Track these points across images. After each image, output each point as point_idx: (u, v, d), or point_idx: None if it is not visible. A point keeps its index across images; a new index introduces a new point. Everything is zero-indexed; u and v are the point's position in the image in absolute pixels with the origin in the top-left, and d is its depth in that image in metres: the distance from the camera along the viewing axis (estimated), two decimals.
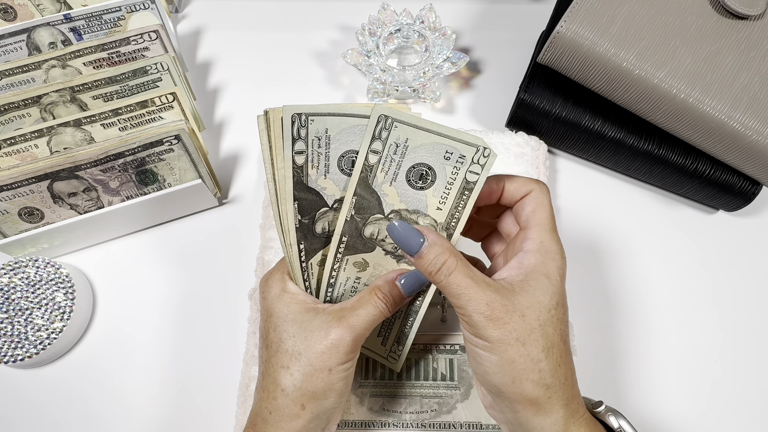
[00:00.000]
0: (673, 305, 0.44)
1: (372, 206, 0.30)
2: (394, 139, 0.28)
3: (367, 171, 0.29)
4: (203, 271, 0.45)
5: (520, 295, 0.28)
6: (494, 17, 0.58)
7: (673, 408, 0.41)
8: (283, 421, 0.30)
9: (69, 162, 0.40)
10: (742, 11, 0.41)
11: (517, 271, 0.29)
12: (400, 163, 0.29)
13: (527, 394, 0.27)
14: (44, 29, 0.49)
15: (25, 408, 0.41)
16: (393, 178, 0.30)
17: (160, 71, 0.46)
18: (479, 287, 0.28)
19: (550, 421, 0.27)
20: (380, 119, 0.28)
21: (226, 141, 0.51)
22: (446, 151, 0.29)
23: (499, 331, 0.27)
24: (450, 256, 0.28)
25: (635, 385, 0.41)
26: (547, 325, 0.27)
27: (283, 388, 0.30)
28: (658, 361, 0.42)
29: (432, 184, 0.30)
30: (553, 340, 0.28)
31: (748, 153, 0.40)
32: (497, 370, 0.27)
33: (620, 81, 0.41)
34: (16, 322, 0.41)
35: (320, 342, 0.30)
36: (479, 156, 0.29)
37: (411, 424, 0.38)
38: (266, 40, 0.57)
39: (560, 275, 0.29)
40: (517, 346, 0.27)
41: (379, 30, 0.51)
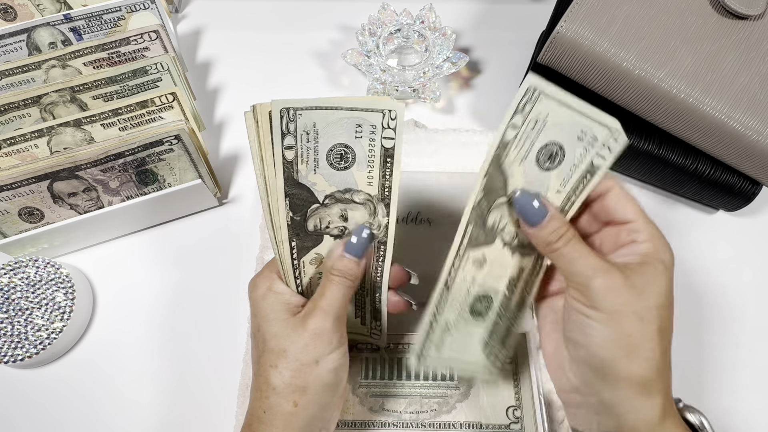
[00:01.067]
0: (674, 305, 0.44)
1: (498, 188, 0.29)
2: (536, 114, 0.27)
3: (502, 148, 0.28)
4: (203, 271, 0.45)
5: (638, 275, 0.27)
6: (494, 17, 0.58)
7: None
8: (277, 419, 0.30)
9: (69, 162, 0.40)
10: (742, 11, 0.41)
11: (631, 257, 0.28)
12: (534, 141, 0.28)
13: (636, 371, 0.27)
14: (44, 29, 0.49)
15: (25, 408, 0.41)
16: (524, 157, 0.28)
17: (160, 71, 0.46)
18: (598, 257, 0.28)
19: (651, 404, 0.27)
20: (528, 91, 0.26)
21: (226, 141, 0.51)
22: (581, 130, 0.28)
23: (618, 301, 0.26)
24: (569, 229, 0.28)
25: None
26: (663, 308, 0.27)
27: (274, 387, 0.30)
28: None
29: (559, 165, 0.29)
30: (667, 324, 0.28)
31: (748, 153, 0.40)
32: (609, 343, 0.27)
33: (620, 81, 0.41)
34: (16, 322, 0.41)
35: (301, 336, 0.30)
36: (610, 139, 0.28)
37: (411, 423, 0.38)
38: (266, 40, 0.57)
39: (672, 263, 0.29)
40: (634, 321, 0.26)
41: (379, 30, 0.51)
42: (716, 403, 0.41)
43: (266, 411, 0.30)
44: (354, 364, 0.40)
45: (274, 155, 0.29)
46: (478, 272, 0.32)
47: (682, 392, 0.41)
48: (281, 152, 0.29)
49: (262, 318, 0.31)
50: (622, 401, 0.27)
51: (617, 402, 0.27)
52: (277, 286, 0.32)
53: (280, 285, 0.32)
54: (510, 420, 0.38)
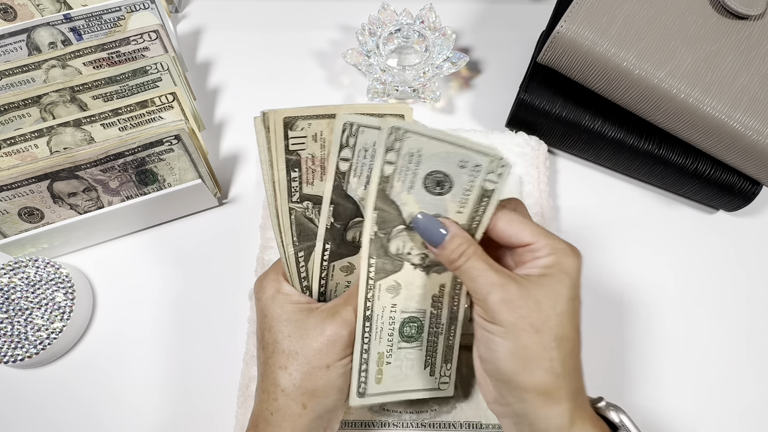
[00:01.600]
0: (673, 305, 0.44)
1: (393, 218, 0.30)
2: (408, 149, 0.28)
3: (384, 182, 0.29)
4: (203, 271, 0.45)
5: (536, 286, 0.28)
6: (494, 17, 0.58)
7: (673, 405, 0.41)
8: (285, 421, 0.30)
9: (69, 162, 0.40)
10: (742, 11, 0.41)
11: (533, 270, 0.29)
12: (416, 171, 0.29)
13: (537, 381, 0.27)
14: (44, 29, 0.49)
15: (25, 408, 0.41)
16: (410, 186, 0.29)
17: (160, 71, 0.46)
18: (496, 272, 0.28)
19: (558, 412, 0.27)
20: (392, 131, 0.27)
21: (226, 141, 0.51)
22: (460, 160, 0.28)
23: (514, 315, 0.27)
24: (470, 246, 0.29)
25: (635, 383, 0.41)
26: (563, 315, 0.28)
27: (283, 389, 0.30)
28: (657, 359, 0.42)
29: (450, 190, 0.29)
30: (567, 331, 0.28)
31: (748, 153, 0.40)
32: (509, 356, 0.27)
33: (620, 81, 0.41)
34: (16, 322, 0.41)
35: (316, 339, 0.30)
36: (495, 165, 0.29)
37: (411, 423, 0.38)
38: (266, 39, 0.57)
39: (577, 271, 0.29)
40: (530, 333, 0.27)
41: (379, 30, 0.51)
42: (714, 403, 0.41)
43: (274, 413, 0.30)
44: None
45: (331, 164, 0.30)
46: (396, 298, 0.32)
47: (677, 395, 0.41)
48: (336, 162, 0.29)
49: (274, 319, 0.31)
50: (530, 411, 0.28)
51: (526, 412, 0.28)
52: (285, 287, 0.32)
53: (288, 287, 0.32)
54: None
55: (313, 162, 0.30)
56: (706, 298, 0.45)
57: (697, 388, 0.42)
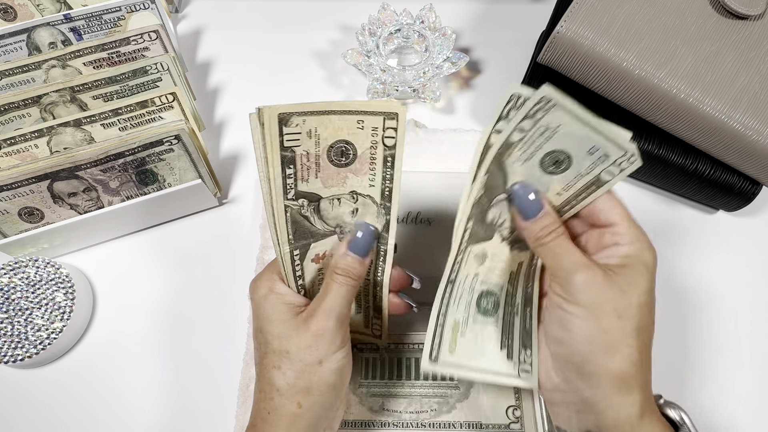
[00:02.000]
0: (673, 305, 0.44)
1: (498, 185, 0.30)
2: (546, 122, 0.27)
3: (506, 147, 0.28)
4: (203, 271, 0.45)
5: (619, 275, 0.28)
6: (494, 17, 0.58)
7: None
8: (281, 420, 0.30)
9: (69, 162, 0.40)
10: (742, 11, 0.41)
11: (613, 259, 0.29)
12: (541, 146, 0.28)
13: (615, 367, 0.27)
14: (44, 29, 0.49)
15: (25, 408, 0.41)
16: (528, 158, 0.29)
17: (160, 71, 0.46)
18: (583, 254, 0.29)
19: (630, 401, 0.27)
20: (542, 100, 0.26)
21: (226, 141, 0.51)
22: (593, 145, 0.28)
23: (599, 297, 0.27)
24: (560, 226, 0.29)
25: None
26: (643, 305, 0.28)
27: (278, 388, 0.30)
28: (658, 359, 0.42)
29: (564, 172, 0.29)
30: (647, 322, 0.28)
31: (748, 153, 0.40)
32: (588, 338, 0.27)
33: (620, 81, 0.41)
34: (16, 322, 0.41)
35: (304, 336, 0.30)
36: (624, 160, 0.28)
37: (411, 423, 0.38)
38: (266, 39, 0.57)
39: (655, 265, 0.29)
40: (613, 317, 0.27)
41: (379, 30, 0.51)
42: (711, 401, 0.41)
43: (270, 412, 0.30)
44: (354, 364, 0.40)
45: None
46: (480, 267, 0.32)
47: (677, 390, 0.41)
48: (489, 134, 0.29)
49: (265, 319, 0.31)
50: (601, 398, 0.27)
51: (597, 399, 0.27)
52: (278, 287, 0.32)
53: (282, 286, 0.32)
54: (510, 420, 0.38)
55: (308, 159, 0.30)
56: (706, 298, 0.45)
57: (696, 386, 0.41)
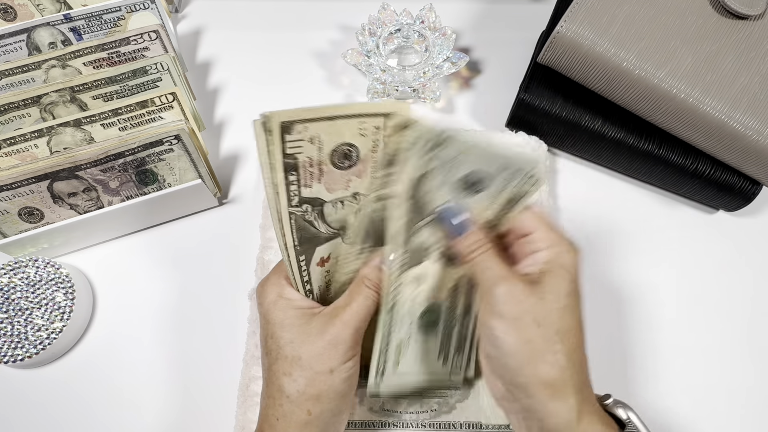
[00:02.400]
0: (673, 305, 0.44)
1: (422, 211, 0.31)
2: (448, 153, 0.29)
3: (420, 178, 0.29)
4: (203, 271, 0.45)
5: (539, 282, 0.29)
6: (494, 17, 0.58)
7: (676, 404, 0.41)
8: (290, 427, 0.30)
9: (69, 162, 0.40)
10: (742, 11, 0.41)
11: (533, 266, 0.30)
12: (454, 171, 0.30)
13: (543, 375, 0.27)
14: (44, 29, 0.49)
15: (25, 408, 0.41)
16: (443, 183, 0.30)
17: (160, 71, 0.46)
18: (506, 268, 0.29)
19: (566, 407, 0.27)
20: (439, 134, 0.28)
21: (226, 141, 0.51)
22: (500, 165, 0.29)
23: (517, 308, 0.28)
24: (486, 243, 0.30)
25: (636, 381, 0.41)
26: (564, 309, 0.28)
27: (288, 395, 0.30)
28: (657, 358, 0.42)
29: (481, 192, 0.30)
30: (570, 325, 0.28)
31: (748, 153, 0.40)
32: (514, 350, 0.28)
33: (620, 81, 0.41)
34: (16, 322, 0.41)
35: (317, 344, 0.30)
36: (532, 172, 0.29)
37: (411, 424, 0.38)
38: (266, 39, 0.57)
39: (575, 266, 0.29)
40: (533, 327, 0.28)
41: (379, 30, 0.51)
42: (713, 402, 0.41)
43: (279, 419, 0.30)
44: None
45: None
46: (418, 289, 0.33)
47: (675, 394, 0.41)
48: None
49: (276, 325, 0.31)
50: (538, 406, 0.28)
51: (534, 407, 0.28)
52: (287, 292, 0.32)
53: (291, 291, 0.32)
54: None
55: (311, 165, 0.30)
56: (707, 298, 0.45)
57: (696, 385, 0.42)
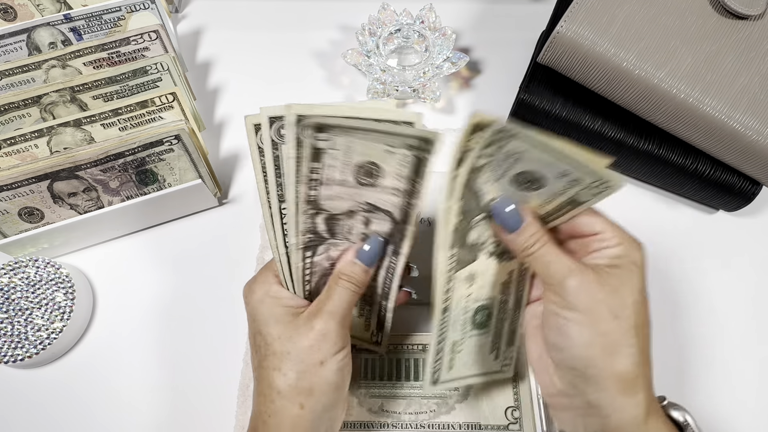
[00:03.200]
0: (673, 305, 0.44)
1: (473, 208, 0.30)
2: (509, 148, 0.27)
3: (474, 173, 0.28)
4: (203, 271, 0.45)
5: (610, 275, 0.28)
6: (494, 17, 0.58)
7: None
8: (283, 423, 0.29)
9: (69, 162, 0.40)
10: (742, 11, 0.41)
11: (602, 260, 0.29)
12: (510, 167, 0.28)
13: (618, 368, 0.27)
14: (44, 29, 0.49)
15: (25, 408, 0.41)
16: (498, 178, 0.29)
17: (160, 71, 0.46)
18: (571, 259, 0.28)
19: (635, 402, 0.27)
20: (501, 130, 0.26)
21: (226, 141, 0.51)
22: (562, 170, 0.28)
23: (593, 300, 0.27)
24: (545, 233, 0.29)
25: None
26: (638, 304, 0.28)
27: (279, 390, 0.30)
28: (659, 358, 0.42)
29: (539, 189, 0.29)
30: (644, 320, 0.28)
31: (748, 153, 0.40)
32: (588, 342, 0.27)
33: (620, 81, 0.41)
34: (16, 322, 0.41)
35: (306, 337, 0.30)
36: (598, 184, 0.28)
37: (410, 424, 0.38)
38: (266, 39, 0.57)
39: (644, 263, 0.29)
40: (610, 319, 0.27)
41: (379, 30, 0.51)
42: (713, 402, 0.41)
43: (272, 415, 0.30)
44: (353, 365, 0.40)
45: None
46: (471, 288, 0.32)
47: (678, 391, 0.41)
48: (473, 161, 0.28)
49: (262, 322, 0.31)
50: (606, 401, 0.27)
51: (602, 402, 0.27)
52: (275, 290, 0.32)
53: (279, 289, 0.32)
54: (509, 420, 0.38)
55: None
56: (706, 298, 0.45)
57: (696, 385, 0.41)
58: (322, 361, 0.30)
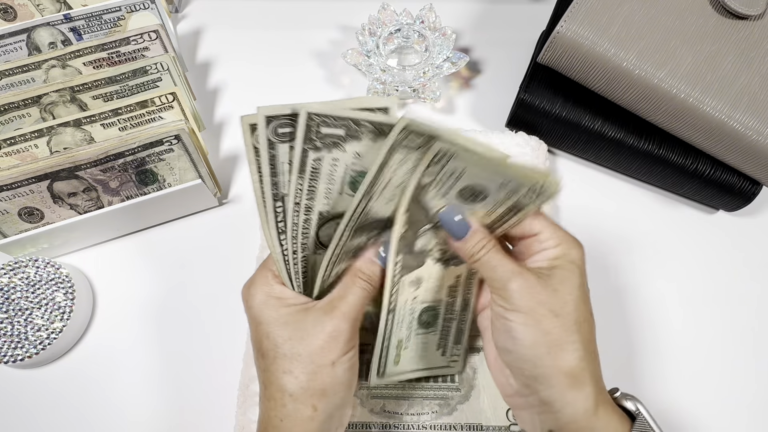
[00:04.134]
0: (673, 305, 0.44)
1: (421, 219, 0.31)
2: (451, 168, 0.28)
3: (419, 189, 0.29)
4: (203, 271, 0.45)
5: (550, 276, 0.29)
6: (494, 17, 0.58)
7: (672, 399, 0.41)
8: (296, 426, 0.29)
9: (69, 162, 0.40)
10: (742, 11, 0.41)
11: (542, 262, 0.30)
12: (454, 184, 0.29)
13: (563, 364, 0.28)
14: (44, 29, 0.49)
15: (25, 408, 0.41)
16: (444, 194, 0.30)
17: (160, 71, 0.46)
18: (515, 263, 0.30)
19: (583, 396, 0.28)
20: (438, 152, 0.27)
21: (226, 141, 0.51)
22: (503, 180, 0.29)
23: (534, 300, 0.28)
24: (490, 240, 0.30)
25: (635, 380, 0.41)
26: (578, 300, 0.29)
27: (291, 393, 0.29)
28: (658, 357, 0.42)
29: (483, 201, 0.30)
30: (585, 316, 0.29)
31: (748, 153, 0.40)
32: (532, 341, 0.28)
33: (620, 81, 0.41)
34: (16, 322, 0.41)
35: (318, 337, 0.29)
36: (538, 187, 0.29)
37: (412, 425, 0.38)
38: (266, 39, 0.57)
39: (583, 260, 0.30)
40: (551, 318, 0.28)
41: (379, 30, 0.51)
42: (718, 404, 0.41)
43: (284, 419, 0.29)
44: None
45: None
46: (417, 291, 0.33)
47: (680, 391, 0.41)
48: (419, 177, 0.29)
49: (270, 324, 0.30)
50: (556, 396, 0.28)
51: (552, 398, 0.28)
52: (277, 290, 0.31)
53: (281, 289, 0.32)
54: (510, 422, 0.38)
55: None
56: (707, 298, 0.45)
57: (694, 385, 0.42)
58: (333, 362, 0.29)
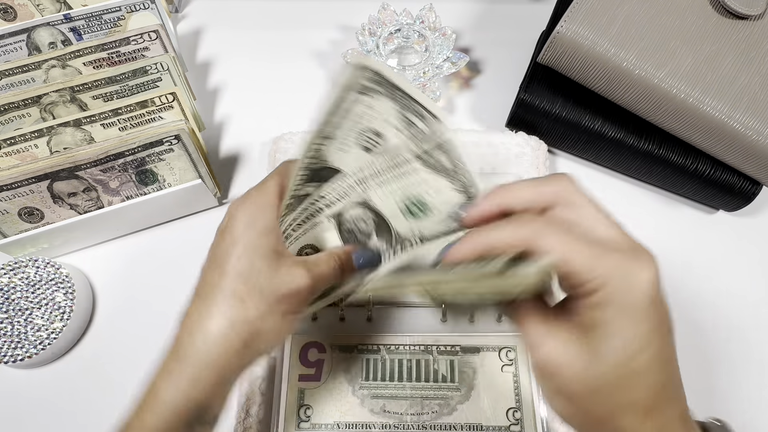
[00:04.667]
0: (673, 305, 0.44)
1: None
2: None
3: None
4: None
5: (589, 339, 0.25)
6: (494, 17, 0.58)
7: None
8: (215, 346, 0.28)
9: (69, 162, 0.40)
10: (742, 11, 0.41)
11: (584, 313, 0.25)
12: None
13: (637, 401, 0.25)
14: (44, 29, 0.49)
15: (25, 408, 0.41)
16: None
17: (160, 71, 0.46)
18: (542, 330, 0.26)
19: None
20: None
21: (226, 141, 0.51)
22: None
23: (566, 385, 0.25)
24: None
25: None
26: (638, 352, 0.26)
27: (233, 322, 0.28)
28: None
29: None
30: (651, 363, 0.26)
31: (748, 153, 0.40)
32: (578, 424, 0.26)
33: (620, 81, 0.41)
34: (16, 322, 0.41)
35: (284, 286, 0.28)
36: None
37: (412, 425, 0.38)
38: (266, 39, 0.57)
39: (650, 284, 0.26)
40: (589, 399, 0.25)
41: (379, 30, 0.51)
42: (717, 399, 0.41)
43: (206, 333, 0.29)
44: (354, 365, 0.40)
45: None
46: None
47: (695, 394, 0.41)
48: None
49: (249, 249, 0.29)
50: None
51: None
52: (268, 214, 0.30)
53: (273, 220, 0.30)
54: (510, 422, 0.38)
55: None
56: (707, 298, 0.45)
57: (694, 385, 0.41)
58: (283, 313, 0.29)
